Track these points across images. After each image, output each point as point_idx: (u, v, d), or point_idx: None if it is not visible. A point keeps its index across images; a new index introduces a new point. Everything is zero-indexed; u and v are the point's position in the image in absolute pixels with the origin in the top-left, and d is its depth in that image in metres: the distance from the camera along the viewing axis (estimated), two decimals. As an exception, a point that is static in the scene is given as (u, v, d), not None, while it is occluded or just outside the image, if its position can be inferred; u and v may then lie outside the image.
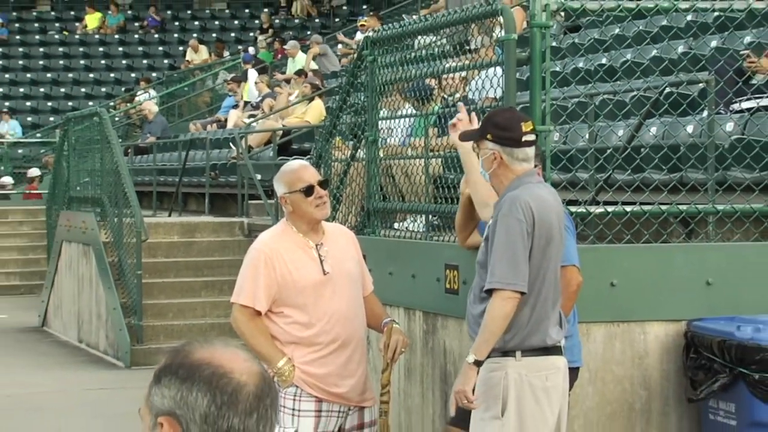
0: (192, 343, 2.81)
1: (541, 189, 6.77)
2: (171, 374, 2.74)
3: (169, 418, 2.71)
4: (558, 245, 6.68)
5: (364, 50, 10.38)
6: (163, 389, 2.73)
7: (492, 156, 6.64)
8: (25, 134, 34.86)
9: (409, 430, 8.99)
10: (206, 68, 34.75)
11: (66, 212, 21.21)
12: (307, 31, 36.24)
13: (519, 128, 6.62)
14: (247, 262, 7.36)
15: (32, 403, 13.42)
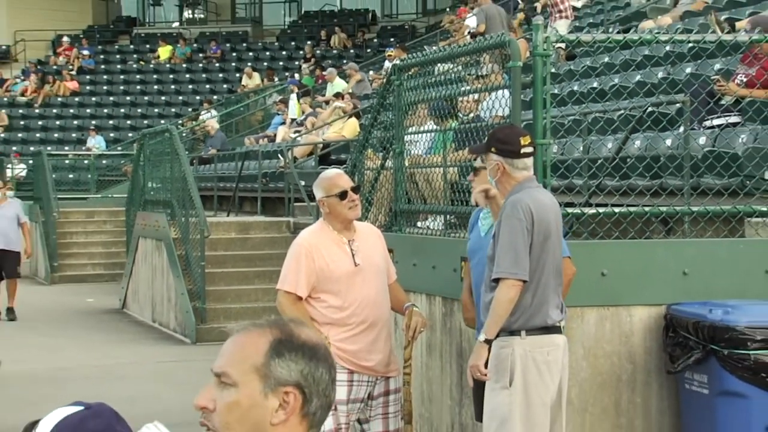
0: (286, 323, 2.81)
1: (540, 193, 6.79)
2: (294, 350, 2.73)
3: (295, 389, 2.70)
4: (556, 240, 6.69)
5: (392, 76, 10.37)
6: (289, 363, 2.71)
7: (496, 166, 6.71)
8: (108, 148, 34.92)
9: (431, 398, 8.97)
10: (259, 92, 34.78)
11: (142, 213, 21.27)
12: (343, 60, 36.19)
13: (518, 142, 6.69)
14: (291, 254, 7.37)
15: (115, 372, 13.45)
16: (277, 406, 2.68)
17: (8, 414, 10.46)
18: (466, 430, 8.38)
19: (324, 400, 2.74)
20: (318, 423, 2.75)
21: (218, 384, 2.71)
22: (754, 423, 7.15)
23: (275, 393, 2.68)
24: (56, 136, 37.89)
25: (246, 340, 2.74)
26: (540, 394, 6.62)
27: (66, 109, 40.26)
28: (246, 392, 2.69)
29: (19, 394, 11.41)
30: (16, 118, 39.90)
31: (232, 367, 2.71)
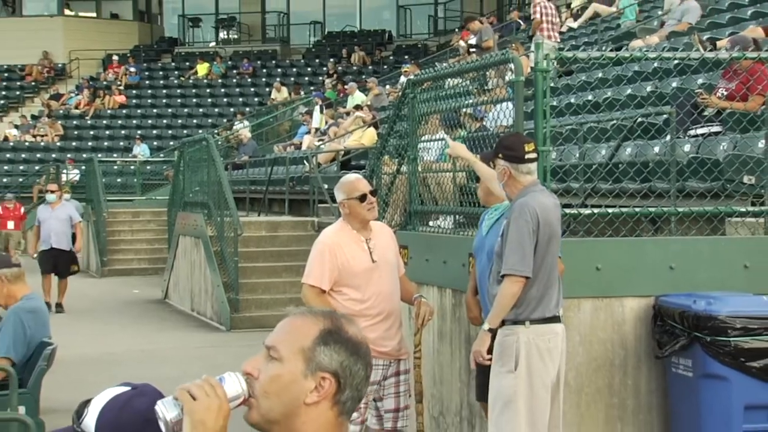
0: (338, 316, 2.83)
1: (544, 196, 6.76)
2: (339, 343, 2.75)
3: (332, 377, 2.71)
4: (558, 241, 6.69)
5: (406, 89, 10.34)
6: (332, 352, 2.73)
7: (503, 171, 6.71)
8: (152, 154, 35.00)
9: (441, 380, 8.95)
10: (286, 104, 34.83)
11: (182, 213, 21.29)
12: (363, 76, 36.21)
13: (522, 149, 6.69)
14: (315, 251, 7.37)
15: (158, 356, 13.47)
16: (312, 387, 2.69)
17: (63, 394, 10.46)
18: (474, 408, 8.36)
19: (356, 393, 2.75)
20: (347, 412, 2.76)
21: (266, 356, 2.73)
22: (734, 403, 7.11)
23: (314, 376, 2.70)
24: (106, 144, 38.03)
25: (300, 324, 2.77)
26: (542, 377, 6.60)
27: (114, 120, 40.40)
28: (289, 368, 2.71)
29: (72, 376, 11.43)
30: (71, 128, 40.06)
31: (282, 344, 2.73)
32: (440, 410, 8.98)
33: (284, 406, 2.71)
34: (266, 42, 46.20)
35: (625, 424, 7.70)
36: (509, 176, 6.70)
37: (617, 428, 7.68)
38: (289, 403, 2.71)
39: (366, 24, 45.48)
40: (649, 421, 7.72)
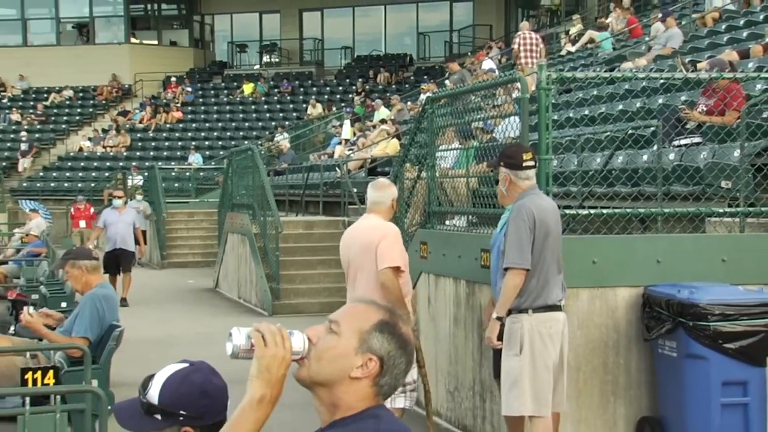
0: (397, 314, 2.84)
1: (541, 199, 6.81)
2: (393, 334, 2.77)
3: (378, 360, 2.72)
4: (555, 237, 6.72)
5: (426, 105, 10.35)
6: (383, 340, 2.75)
7: (504, 177, 6.78)
8: (204, 162, 35.10)
9: (457, 360, 8.93)
10: (320, 118, 34.88)
11: (230, 213, 21.34)
12: (387, 93, 36.24)
13: (521, 157, 6.73)
14: (395, 239, 7.27)
15: (211, 337, 13.46)
16: (359, 364, 2.71)
17: (129, 369, 10.50)
18: (485, 384, 8.34)
19: (393, 381, 2.76)
20: (383, 395, 2.76)
21: (327, 328, 2.75)
22: (713, 379, 7.10)
23: (363, 355, 2.71)
24: (165, 154, 38.16)
25: (365, 310, 2.80)
26: (544, 359, 6.60)
27: (172, 133, 40.54)
28: (344, 343, 2.72)
29: (137, 355, 11.46)
30: (135, 140, 40.24)
31: (344, 322, 2.75)
32: (455, 386, 8.97)
33: (331, 373, 2.72)
34: (303, 64, 46.25)
35: (617, 398, 7.68)
36: (510, 182, 6.77)
37: (610, 402, 7.66)
38: (336, 372, 2.71)
39: (390, 48, 45.47)
40: (638, 395, 7.70)
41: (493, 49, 32.05)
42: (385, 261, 7.10)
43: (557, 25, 34.10)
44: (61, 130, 42.64)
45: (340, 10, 45.71)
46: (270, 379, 2.64)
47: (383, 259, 7.11)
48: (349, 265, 7.39)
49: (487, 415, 8.35)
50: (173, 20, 48.57)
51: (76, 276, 8.74)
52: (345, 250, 7.50)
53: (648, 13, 26.95)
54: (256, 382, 2.64)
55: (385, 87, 40.04)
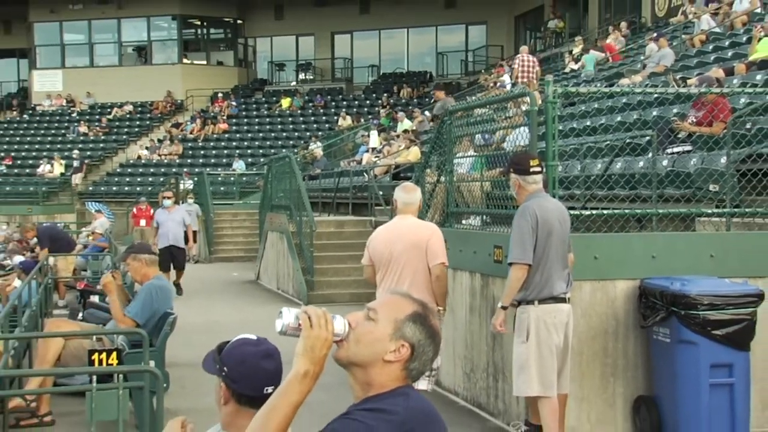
0: (429, 308, 2.88)
1: (545, 201, 6.82)
2: (423, 325, 2.80)
3: (410, 347, 2.75)
4: (559, 235, 6.71)
5: (444, 117, 10.34)
6: (415, 329, 2.78)
7: (514, 181, 6.81)
8: (247, 168, 35.19)
9: (472, 345, 8.93)
10: (350, 129, 34.90)
11: (270, 214, 21.37)
12: (409, 107, 36.19)
13: (528, 164, 6.75)
14: (441, 237, 7.23)
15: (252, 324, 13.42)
16: (392, 349, 2.73)
17: (181, 352, 10.56)
18: (497, 366, 8.33)
19: (421, 366, 2.78)
20: (412, 377, 2.79)
21: (366, 315, 2.78)
22: (702, 362, 7.08)
23: (396, 341, 2.74)
24: (212, 161, 38.29)
25: (400, 301, 2.82)
26: (548, 345, 6.62)
27: (219, 142, 40.70)
28: (380, 329, 2.75)
29: (188, 339, 11.53)
30: (186, 149, 40.41)
31: (381, 310, 2.78)
32: (471, 368, 8.96)
33: (367, 355, 2.74)
34: (335, 81, 46.30)
35: (616, 379, 7.66)
36: (519, 186, 6.78)
37: (610, 382, 7.64)
38: (372, 354, 2.74)
39: (412, 67, 45.49)
40: (635, 376, 7.67)
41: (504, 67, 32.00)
42: (438, 257, 7.05)
43: (561, 45, 33.99)
44: (122, 141, 42.90)
45: (368, 33, 45.73)
46: (314, 357, 2.65)
47: (436, 255, 7.06)
48: (391, 259, 7.15)
49: (499, 394, 8.34)
50: (220, 43, 48.72)
51: (136, 268, 8.79)
52: (387, 246, 7.22)
53: (643, 35, 26.82)
54: (302, 359, 2.66)
55: (407, 101, 40.02)
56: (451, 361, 9.34)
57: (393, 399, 2.69)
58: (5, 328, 8.26)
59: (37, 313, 10.76)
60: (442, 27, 44.60)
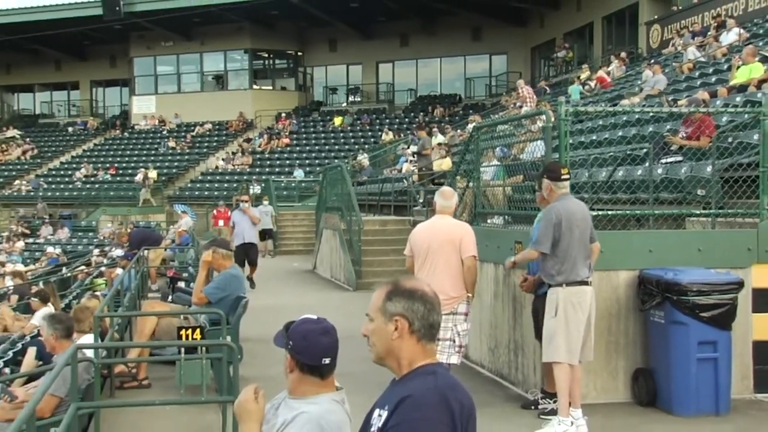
0: (399, 279, 2.86)
1: (570, 202, 6.79)
2: (398, 295, 2.78)
3: (402, 318, 2.74)
4: (581, 230, 6.69)
5: (472, 132, 10.34)
6: (395, 303, 2.77)
7: (547, 186, 6.77)
8: (306, 176, 35.32)
9: (496, 325, 8.91)
10: (392, 143, 34.88)
11: (325, 214, 21.46)
12: (442, 124, 36.10)
13: (559, 171, 6.76)
14: (473, 234, 7.19)
15: (311, 306, 13.56)
16: (393, 329, 2.74)
17: (252, 329, 10.64)
18: (518, 343, 8.31)
19: (423, 322, 2.76)
20: (425, 336, 2.78)
21: (368, 320, 2.83)
22: (691, 340, 7.06)
23: (391, 321, 2.74)
24: (276, 169, 38.44)
25: (376, 294, 2.84)
26: (574, 320, 6.61)
27: (282, 154, 40.86)
28: (377, 322, 2.79)
29: (257, 318, 11.60)
30: (255, 160, 40.63)
31: (370, 310, 2.83)
32: (495, 344, 8.95)
33: (383, 346, 2.77)
34: (378, 102, 46.28)
35: (618, 354, 7.62)
36: (551, 190, 6.76)
37: (613, 357, 7.60)
38: (385, 343, 2.76)
39: (444, 90, 45.36)
40: (634, 352, 7.62)
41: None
42: (469, 251, 7.04)
43: (570, 72, 33.76)
44: (203, 153, 43.21)
45: (407, 62, 45.68)
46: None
47: (468, 249, 7.05)
48: (428, 253, 7.12)
49: (519, 366, 8.32)
50: (283, 71, 48.91)
51: (216, 260, 8.88)
52: (426, 241, 7.18)
53: (640, 63, 26.60)
54: None
55: (440, 119, 39.90)
56: (478, 339, 9.33)
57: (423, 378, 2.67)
58: (111, 308, 8.40)
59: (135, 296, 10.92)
60: (470, 56, 44.44)
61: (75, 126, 50.34)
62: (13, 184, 43.50)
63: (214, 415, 6.81)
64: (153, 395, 7.81)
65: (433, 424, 2.55)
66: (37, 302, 12.30)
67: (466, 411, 2.65)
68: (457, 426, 2.59)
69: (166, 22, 42.77)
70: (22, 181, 43.44)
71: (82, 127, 49.97)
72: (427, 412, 2.57)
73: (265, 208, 24.50)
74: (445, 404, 2.59)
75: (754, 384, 7.74)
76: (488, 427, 6.64)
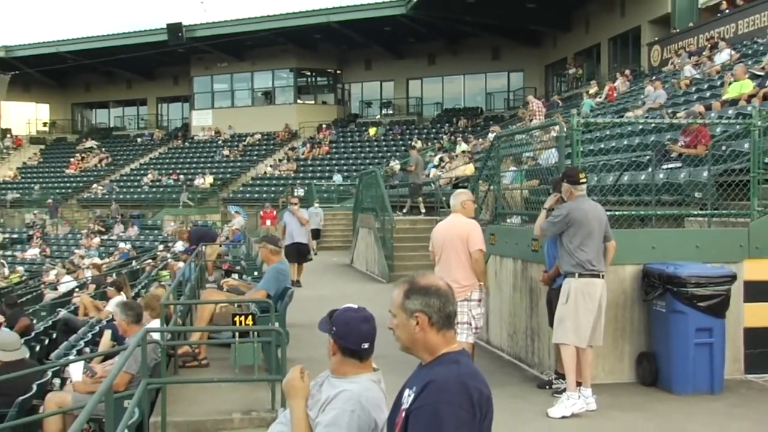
0: (415, 277, 2.83)
1: (585, 203, 6.78)
2: (415, 293, 2.76)
3: (420, 313, 2.73)
4: (594, 228, 6.64)
5: (493, 141, 10.31)
6: (414, 300, 2.75)
7: (567, 189, 6.74)
8: (344, 180, 35.35)
9: (515, 313, 8.88)
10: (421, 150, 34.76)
11: (361, 214, 21.49)
12: (465, 133, 35.96)
13: (577, 175, 6.76)
14: (479, 230, 7.15)
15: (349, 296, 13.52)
16: (414, 324, 2.73)
17: (297, 316, 10.70)
18: (535, 330, 8.29)
19: (441, 314, 2.74)
20: (444, 326, 2.76)
21: (392, 315, 2.82)
22: (689, 326, 7.02)
23: (412, 317, 2.73)
24: (318, 174, 38.51)
25: (396, 292, 2.83)
26: (583, 308, 6.57)
27: (323, 161, 40.93)
28: (399, 319, 2.78)
29: (301, 307, 11.67)
30: (299, 166, 40.76)
31: (392, 307, 2.81)
32: (514, 330, 8.92)
33: (408, 338, 2.77)
34: (408, 114, 46.21)
35: (624, 340, 7.57)
36: (570, 192, 6.73)
37: (619, 342, 7.55)
38: (409, 336, 2.76)
39: (467, 104, 45.17)
40: (638, 338, 7.57)
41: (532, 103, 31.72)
42: (475, 245, 7.06)
43: (581, 87, 33.51)
44: (253, 160, 43.45)
45: (434, 79, 45.56)
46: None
47: (474, 244, 7.07)
48: (443, 248, 7.20)
49: (534, 350, 8.29)
50: (324, 88, 49.00)
51: (265, 253, 8.94)
52: (441, 236, 7.28)
53: (643, 79, 26.35)
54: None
55: (464, 129, 39.73)
56: (498, 326, 9.31)
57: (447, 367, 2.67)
58: (174, 296, 8.48)
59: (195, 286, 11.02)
60: (490, 74, 44.23)
61: (143, 137, 50.96)
62: (91, 188, 44.17)
63: (264, 392, 6.86)
64: (211, 373, 7.88)
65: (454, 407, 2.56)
66: (112, 290, 12.49)
67: (484, 397, 2.64)
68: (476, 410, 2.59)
69: (222, 45, 43.19)
70: (99, 185, 44.07)
71: (149, 138, 50.57)
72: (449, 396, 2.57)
73: (315, 209, 24.41)
74: (466, 391, 2.59)
75: (744, 366, 7.71)
76: (507, 403, 6.63)
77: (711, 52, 22.58)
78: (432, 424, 2.54)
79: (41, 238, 37.83)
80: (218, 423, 6.32)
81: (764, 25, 22.50)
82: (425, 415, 2.57)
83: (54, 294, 19.55)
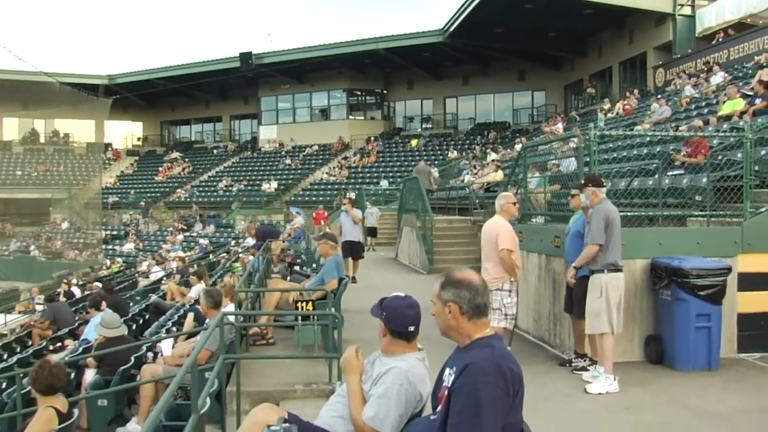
0: (451, 271, 2.87)
1: (610, 204, 6.71)
2: (449, 285, 2.80)
3: (453, 303, 2.74)
4: (617, 227, 6.60)
5: (520, 151, 10.26)
6: (447, 291, 2.79)
7: (592, 192, 6.64)
8: (390, 185, 35.31)
9: (539, 301, 8.84)
10: (456, 159, 34.63)
11: (405, 215, 21.48)
12: (495, 144, 35.66)
13: (600, 180, 6.67)
14: (510, 230, 7.09)
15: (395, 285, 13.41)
16: (448, 312, 2.76)
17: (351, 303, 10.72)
18: (556, 316, 8.24)
19: (471, 305, 2.75)
20: (475, 315, 2.75)
21: (432, 303, 2.85)
22: (691, 312, 6.96)
23: (446, 306, 2.77)
24: (367, 180, 38.35)
25: (435, 284, 2.86)
26: (614, 300, 6.53)
27: (371, 169, 40.88)
28: (437, 306, 2.82)
29: (354, 295, 11.67)
30: (351, 173, 40.79)
31: (432, 296, 2.85)
32: (538, 316, 8.88)
33: (444, 324, 2.80)
34: (445, 128, 45.97)
35: (635, 324, 7.49)
36: (595, 195, 6.62)
37: (630, 326, 7.46)
38: (445, 322, 2.79)
39: (496, 118, 44.78)
40: (647, 322, 7.49)
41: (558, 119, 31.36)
42: (501, 244, 7.04)
43: (596, 104, 33.08)
44: (311, 168, 43.67)
45: (468, 97, 45.31)
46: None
47: (501, 243, 7.04)
48: (483, 244, 7.25)
49: (557, 333, 8.25)
50: (373, 105, 49.01)
51: (326, 248, 9.01)
52: (481, 236, 7.33)
53: (649, 98, 26.02)
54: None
55: (494, 141, 39.41)
56: (525, 312, 9.26)
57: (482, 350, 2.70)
58: (245, 285, 8.63)
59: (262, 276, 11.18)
60: (516, 92, 43.83)
61: (218, 149, 51.73)
62: (175, 192, 45.03)
63: (322, 368, 6.94)
64: (277, 351, 8.00)
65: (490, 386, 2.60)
66: (194, 279, 12.75)
67: (516, 376, 2.67)
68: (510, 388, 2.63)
69: (285, 70, 43.69)
70: (182, 190, 44.92)
71: (223, 150, 51.30)
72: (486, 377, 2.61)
73: (371, 209, 24.38)
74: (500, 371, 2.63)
75: (737, 346, 7.64)
76: (533, 379, 6.61)
77: (707, 75, 22.57)
78: (472, 401, 2.58)
79: (135, 235, 38.80)
80: (283, 393, 6.43)
81: (752, 52, 22.72)
82: (465, 394, 2.61)
83: (146, 282, 20.02)
